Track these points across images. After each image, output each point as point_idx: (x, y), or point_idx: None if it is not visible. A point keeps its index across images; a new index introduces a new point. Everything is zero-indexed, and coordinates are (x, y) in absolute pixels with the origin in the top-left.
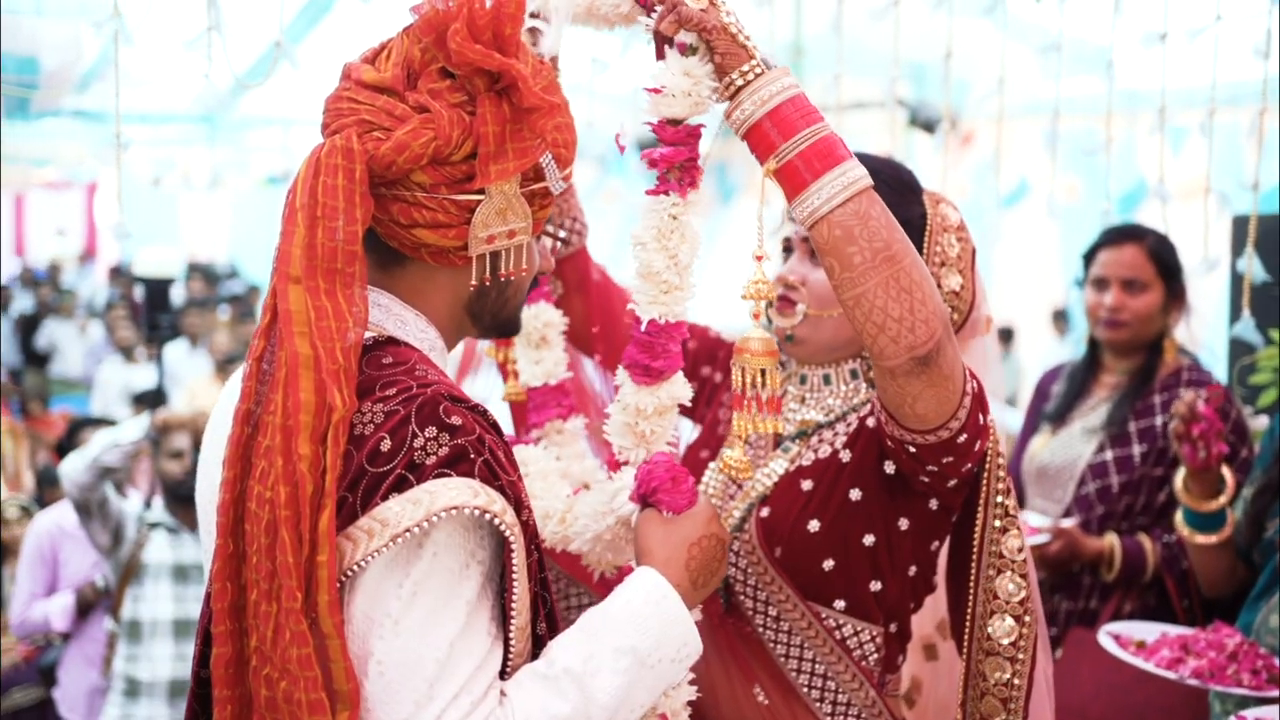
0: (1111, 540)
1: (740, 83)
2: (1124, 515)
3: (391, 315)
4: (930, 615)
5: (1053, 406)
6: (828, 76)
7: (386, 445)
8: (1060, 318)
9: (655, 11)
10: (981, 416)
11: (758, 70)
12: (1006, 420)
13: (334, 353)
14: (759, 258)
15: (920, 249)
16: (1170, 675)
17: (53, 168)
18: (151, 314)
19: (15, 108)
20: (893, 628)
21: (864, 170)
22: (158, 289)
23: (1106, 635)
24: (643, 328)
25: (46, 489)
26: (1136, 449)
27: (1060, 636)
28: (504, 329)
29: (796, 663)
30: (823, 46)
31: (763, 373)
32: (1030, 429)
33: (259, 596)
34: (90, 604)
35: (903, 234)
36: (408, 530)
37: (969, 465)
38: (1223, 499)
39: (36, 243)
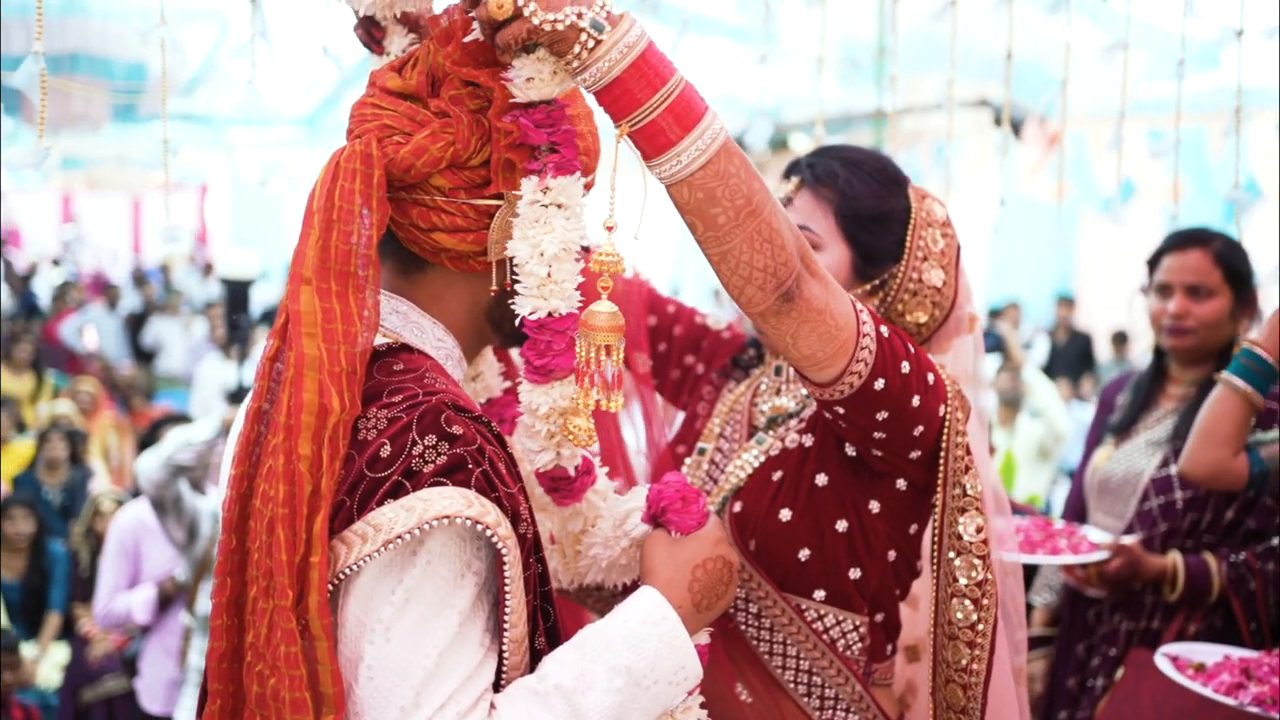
0: (1175, 558)
1: (577, 65)
2: (1188, 533)
3: (409, 323)
4: (925, 618)
5: (1117, 418)
6: (913, 77)
7: (386, 451)
8: None
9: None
10: (907, 365)
11: (590, 44)
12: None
13: (338, 356)
14: (609, 228)
15: (903, 243)
16: (1230, 702)
17: (170, 169)
18: (232, 314)
19: (124, 112)
20: (879, 617)
21: (721, 123)
22: (238, 290)
23: (1163, 657)
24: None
25: None
26: None
27: (1121, 657)
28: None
29: (781, 659)
30: (908, 45)
31: (607, 349)
32: (1094, 441)
33: (258, 593)
34: (170, 597)
35: (760, 180)
36: (399, 536)
37: (919, 426)
38: None
39: (152, 243)
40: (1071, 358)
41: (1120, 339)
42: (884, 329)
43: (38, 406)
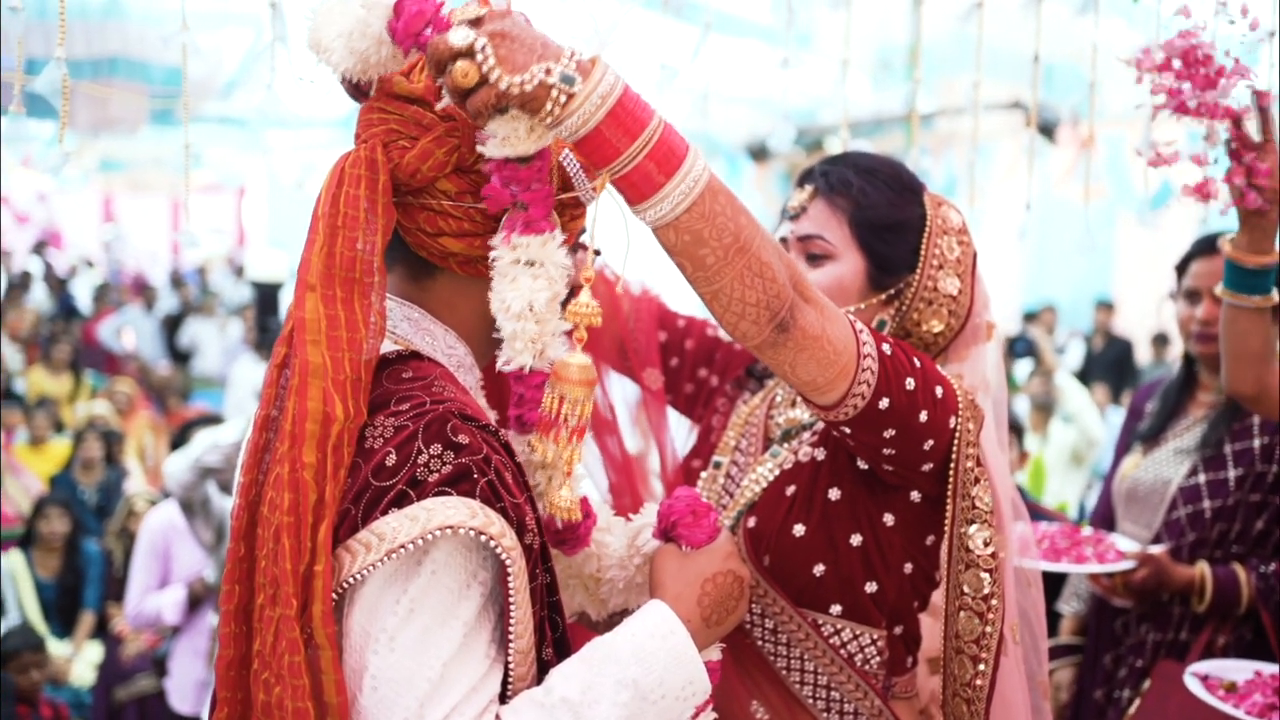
0: (1203, 569)
1: (550, 121)
2: (1217, 543)
3: (421, 330)
4: None
5: (1146, 425)
6: (948, 79)
7: (392, 460)
8: None
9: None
10: (912, 381)
11: (562, 100)
12: None
13: (342, 363)
14: (587, 280)
15: (918, 250)
16: None
17: (207, 170)
18: (261, 317)
19: (162, 115)
20: (898, 630)
21: (703, 163)
22: (267, 293)
23: (1193, 677)
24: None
25: None
26: (1232, 473)
27: (1148, 668)
28: None
29: (799, 674)
30: (943, 46)
31: (577, 401)
32: (1123, 448)
33: (265, 600)
34: (199, 598)
35: (746, 214)
36: (403, 546)
37: (928, 441)
38: (1274, 256)
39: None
40: (1110, 363)
41: (1161, 340)
42: (886, 347)
43: (75, 407)
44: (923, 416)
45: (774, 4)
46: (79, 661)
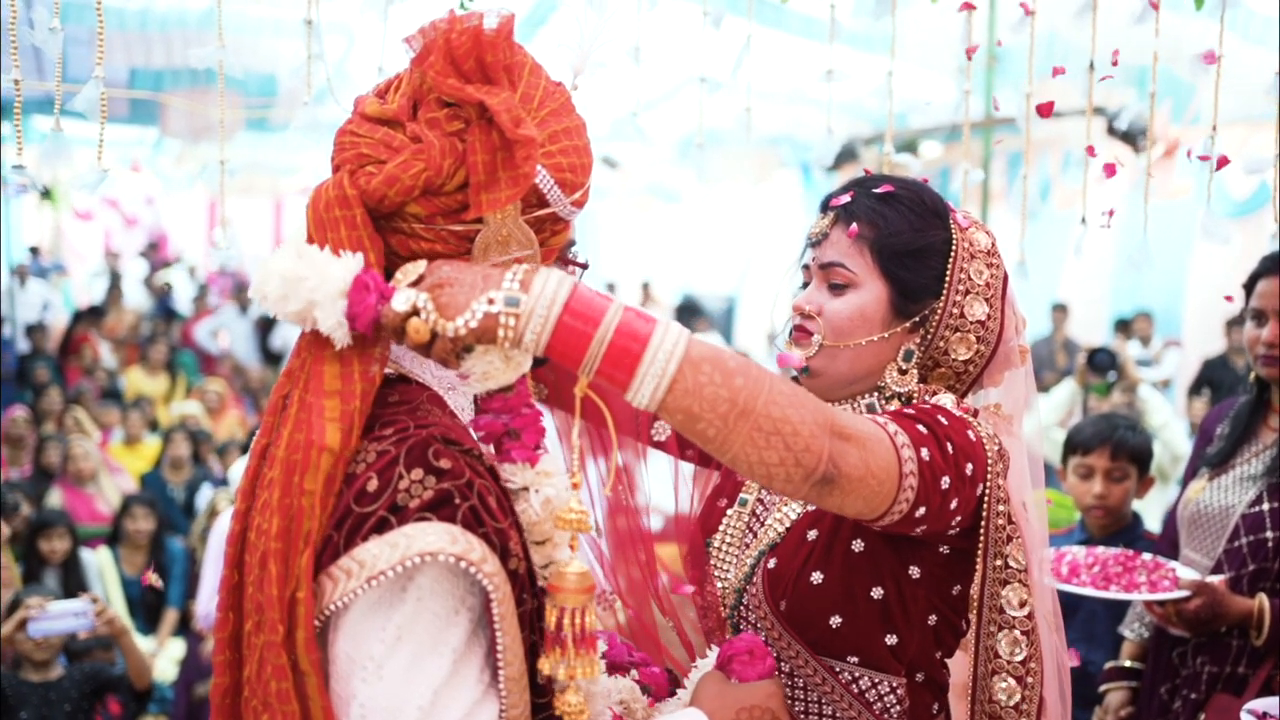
0: (1261, 601)
1: (509, 343)
2: (1279, 575)
3: (408, 352)
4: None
5: (1214, 450)
6: (1038, 83)
7: (373, 485)
8: None
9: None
10: (947, 480)
11: (511, 321)
12: None
13: (354, 394)
14: (575, 485)
15: (943, 275)
16: None
17: (302, 175)
18: None
19: (256, 122)
20: (919, 677)
21: (672, 336)
22: None
23: (1249, 715)
24: None
25: None
26: None
27: (1203, 703)
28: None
29: (816, 718)
30: (1019, 52)
31: (580, 611)
32: (1192, 472)
33: (252, 627)
34: None
35: (745, 373)
36: (383, 573)
37: (956, 518)
38: None
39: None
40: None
41: None
42: (925, 452)
43: (171, 406)
44: (954, 504)
45: (856, 6)
46: (162, 657)
